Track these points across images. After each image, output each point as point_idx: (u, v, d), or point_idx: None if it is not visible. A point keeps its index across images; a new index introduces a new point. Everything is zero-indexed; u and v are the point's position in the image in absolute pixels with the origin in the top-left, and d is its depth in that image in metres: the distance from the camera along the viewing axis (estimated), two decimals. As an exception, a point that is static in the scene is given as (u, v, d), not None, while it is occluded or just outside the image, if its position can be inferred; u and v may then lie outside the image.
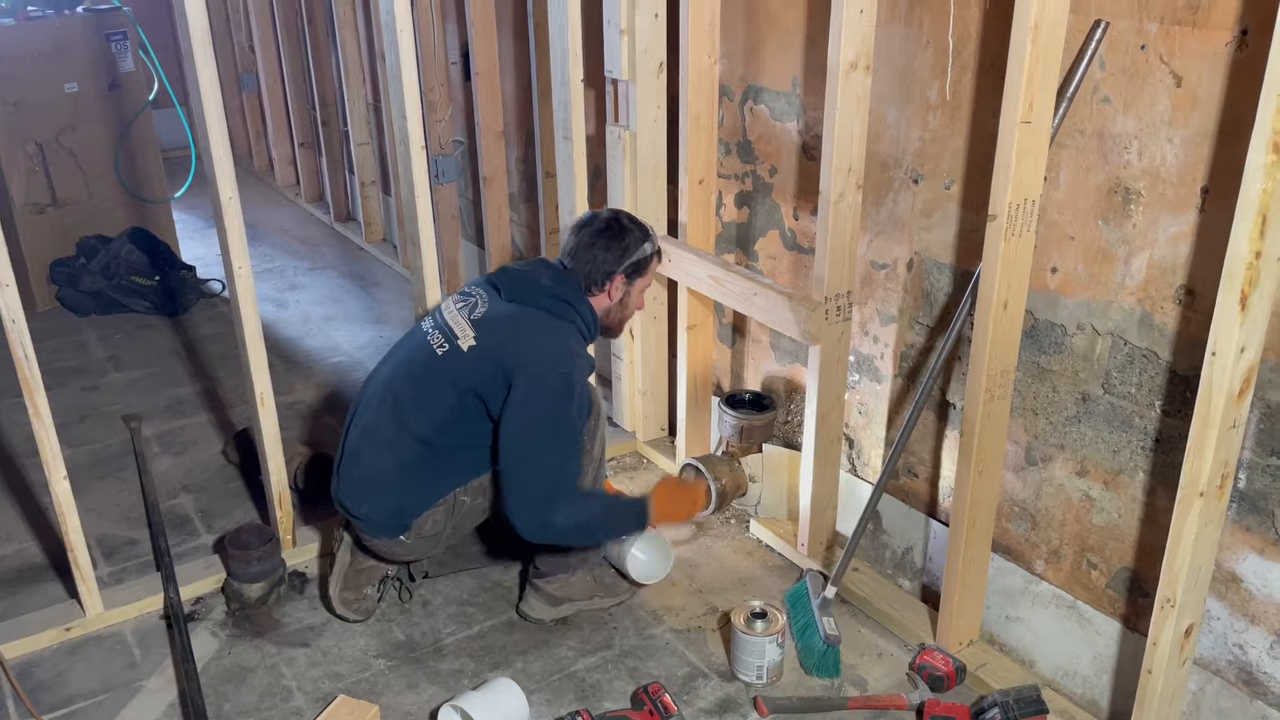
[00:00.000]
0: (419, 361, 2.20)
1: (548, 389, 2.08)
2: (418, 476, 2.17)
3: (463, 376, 2.12)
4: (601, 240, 2.22)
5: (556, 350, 2.13)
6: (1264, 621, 1.80)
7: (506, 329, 2.15)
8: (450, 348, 2.15)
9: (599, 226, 2.23)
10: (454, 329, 2.18)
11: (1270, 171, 1.47)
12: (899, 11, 2.13)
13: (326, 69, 4.79)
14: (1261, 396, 1.71)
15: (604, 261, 2.21)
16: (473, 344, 2.13)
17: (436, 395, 2.15)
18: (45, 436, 2.15)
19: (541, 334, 2.14)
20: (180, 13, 2.07)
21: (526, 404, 2.07)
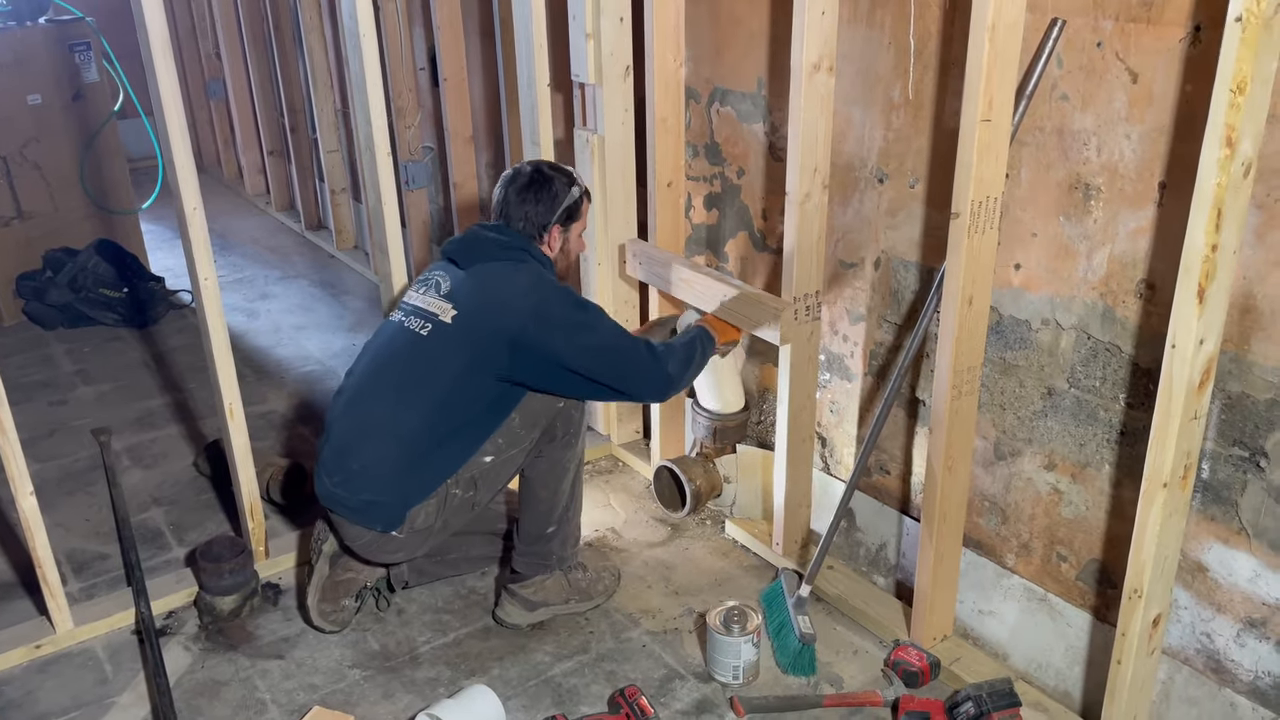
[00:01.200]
0: (403, 348, 2.18)
1: (557, 310, 2.13)
2: (416, 463, 2.15)
3: (456, 348, 2.13)
4: (530, 194, 2.22)
5: (532, 281, 2.16)
6: (1230, 610, 1.83)
7: (480, 289, 2.16)
8: (433, 326, 2.15)
9: (524, 181, 2.23)
10: (429, 309, 2.18)
11: (1224, 166, 1.50)
12: (860, 13, 2.15)
13: (294, 76, 4.77)
14: (1222, 388, 1.73)
15: (536, 214, 2.22)
16: (454, 314, 2.14)
17: (430, 375, 2.14)
18: (10, 452, 2.13)
19: (513, 278, 2.16)
20: (140, 23, 2.06)
21: (552, 331, 2.10)
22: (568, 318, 2.13)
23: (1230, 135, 1.48)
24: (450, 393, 2.13)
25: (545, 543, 2.31)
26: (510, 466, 2.22)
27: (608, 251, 2.83)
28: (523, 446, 2.20)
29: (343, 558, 2.31)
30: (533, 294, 2.13)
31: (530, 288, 2.14)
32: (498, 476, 2.21)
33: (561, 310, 2.14)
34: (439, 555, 2.43)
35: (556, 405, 2.21)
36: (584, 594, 2.37)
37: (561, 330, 2.11)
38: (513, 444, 2.19)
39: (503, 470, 2.21)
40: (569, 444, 2.25)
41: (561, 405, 2.22)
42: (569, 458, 2.26)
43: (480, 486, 2.20)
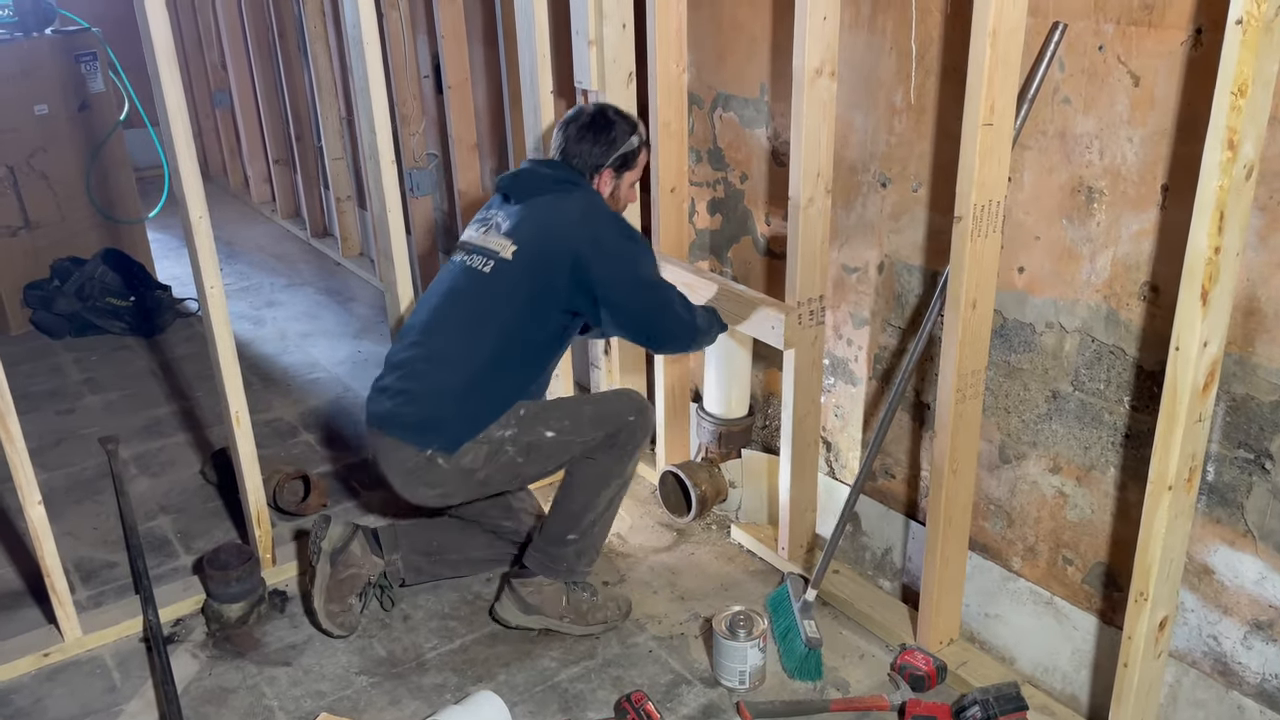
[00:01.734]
0: (469, 285, 2.22)
1: (609, 236, 2.16)
2: (479, 390, 2.18)
3: (518, 282, 2.16)
4: (589, 134, 2.24)
5: (585, 207, 2.20)
6: (1237, 612, 1.82)
7: (537, 222, 2.19)
8: (495, 263, 2.19)
9: (585, 121, 2.25)
10: (490, 248, 2.22)
11: (1226, 168, 1.50)
12: (862, 18, 2.15)
13: (299, 84, 4.79)
14: (1227, 390, 1.73)
15: (591, 155, 2.24)
16: (515, 250, 2.18)
17: (494, 310, 2.18)
18: (18, 461, 2.14)
19: (567, 206, 2.20)
20: (145, 33, 2.07)
21: (602, 260, 2.13)
22: (619, 248, 2.17)
23: (1232, 138, 1.48)
24: (515, 326, 2.18)
25: (562, 547, 2.30)
26: (564, 453, 2.24)
27: (612, 257, 2.83)
28: (584, 439, 2.23)
29: (343, 554, 2.31)
30: (588, 219, 2.18)
31: (584, 214, 2.19)
32: (550, 456, 2.23)
33: (614, 238, 2.18)
34: (438, 555, 2.43)
35: (629, 417, 2.25)
36: (580, 617, 2.32)
37: (611, 259, 2.15)
38: (577, 432, 2.22)
39: (557, 451, 2.23)
40: (623, 459, 2.27)
41: (633, 419, 2.25)
42: (617, 473, 2.27)
43: (531, 456, 2.22)
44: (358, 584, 2.33)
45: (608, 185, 2.28)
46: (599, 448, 2.24)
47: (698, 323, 2.28)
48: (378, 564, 2.35)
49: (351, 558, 2.31)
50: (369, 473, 2.31)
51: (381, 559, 2.35)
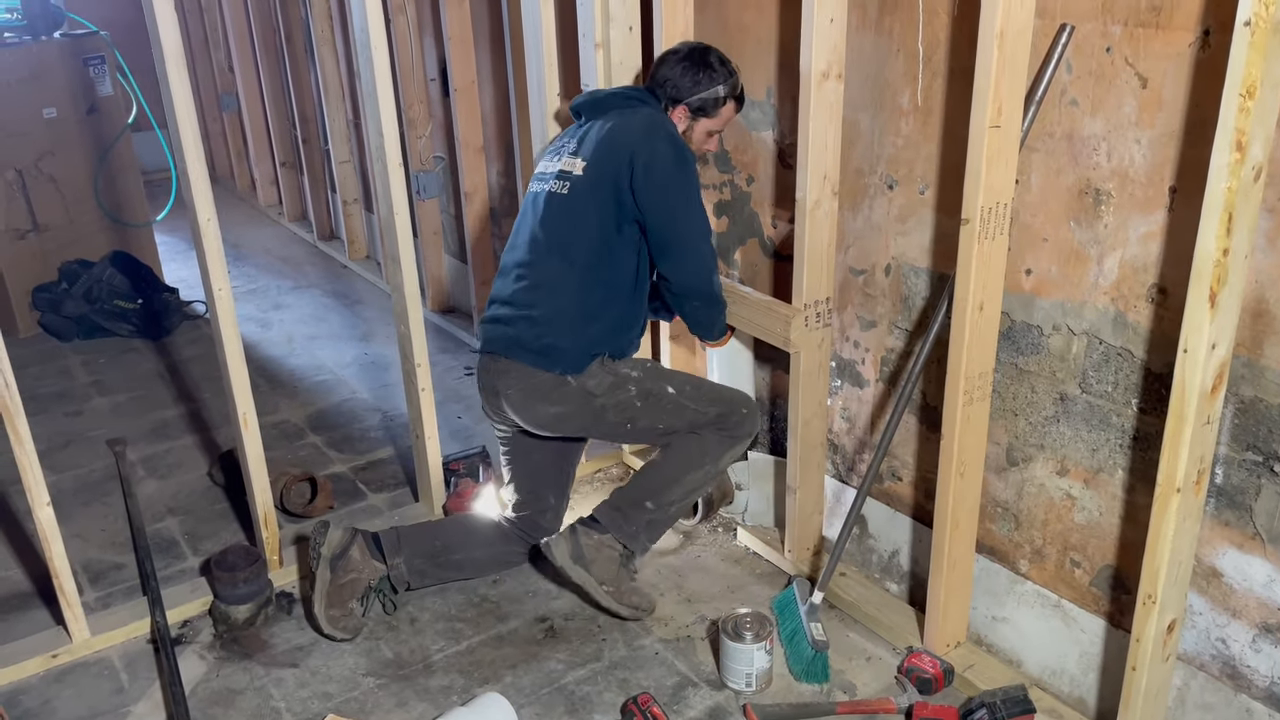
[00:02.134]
0: (553, 210, 2.26)
1: (661, 156, 2.16)
2: (592, 313, 2.25)
3: (590, 198, 2.20)
4: (679, 65, 2.26)
5: (647, 124, 2.22)
6: (1245, 615, 1.82)
7: (602, 138, 2.23)
8: (570, 183, 2.24)
9: (684, 52, 2.27)
10: (564, 169, 2.26)
11: (1234, 170, 1.49)
12: (869, 20, 2.15)
13: (306, 87, 4.80)
14: (1235, 392, 1.73)
15: (671, 86, 2.26)
16: (584, 165, 2.22)
17: (580, 228, 2.22)
18: (27, 463, 2.14)
19: (631, 119, 2.23)
20: (154, 37, 2.08)
21: (651, 179, 2.15)
22: (667, 170, 2.17)
23: (1240, 139, 1.48)
24: (602, 242, 2.22)
25: (638, 512, 2.34)
26: (676, 416, 2.29)
27: (618, 260, 2.83)
28: (698, 408, 2.29)
29: (343, 559, 2.31)
30: (651, 133, 2.19)
31: (645, 126, 2.21)
32: (664, 412, 2.29)
33: (664, 157, 2.17)
34: (442, 555, 2.42)
35: (743, 408, 2.32)
36: (618, 593, 2.36)
37: (656, 175, 2.16)
38: (695, 399, 2.29)
39: (671, 411, 2.29)
40: (723, 444, 2.32)
41: (746, 411, 2.33)
42: (713, 456, 2.32)
43: (648, 404, 2.28)
44: (358, 589, 2.33)
45: (681, 120, 2.29)
46: (708, 426, 2.29)
47: (715, 285, 2.29)
48: (379, 568, 2.35)
49: (351, 563, 2.32)
50: (485, 398, 2.41)
51: (383, 563, 2.35)
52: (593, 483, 2.97)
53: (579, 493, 2.91)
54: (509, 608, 2.45)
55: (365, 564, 2.33)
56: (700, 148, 2.36)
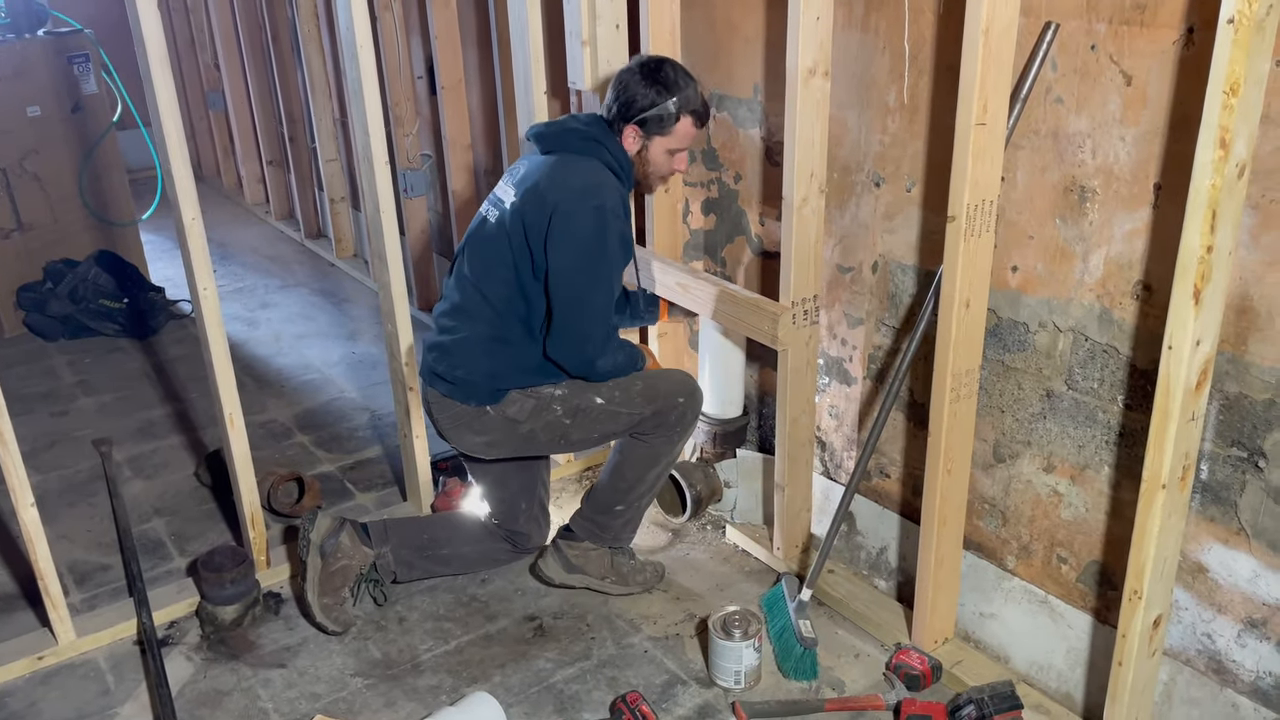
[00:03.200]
0: (481, 236, 2.24)
1: (579, 225, 2.08)
2: (502, 346, 2.21)
3: (511, 240, 2.16)
4: (630, 79, 2.13)
5: (584, 185, 2.12)
6: (1231, 610, 1.83)
7: (539, 176, 2.16)
8: (499, 212, 2.21)
9: (635, 66, 2.15)
10: (502, 196, 2.23)
11: (1218, 167, 1.50)
12: (855, 18, 2.16)
13: (293, 86, 4.78)
14: (1220, 388, 1.74)
15: (620, 103, 2.14)
16: (514, 200, 2.18)
17: (499, 259, 2.18)
18: (11, 463, 2.13)
19: (568, 172, 2.14)
20: (138, 35, 2.07)
21: (561, 243, 2.09)
22: (581, 243, 2.09)
23: (1224, 136, 1.48)
24: (517, 284, 2.18)
25: (610, 518, 2.38)
26: (611, 423, 2.27)
27: (606, 258, 2.83)
28: (632, 412, 2.26)
29: (333, 543, 2.31)
30: (580, 193, 2.10)
31: (582, 187, 2.11)
32: (597, 423, 2.27)
33: (583, 229, 2.08)
34: (429, 550, 2.43)
35: (678, 399, 2.29)
36: (623, 578, 2.42)
37: (567, 244, 2.09)
38: (626, 404, 2.26)
39: (604, 420, 2.26)
40: (671, 440, 2.33)
41: (682, 400, 2.30)
42: (665, 452, 2.34)
43: (578, 420, 2.25)
44: (349, 575, 2.33)
45: (632, 142, 2.17)
46: (648, 427, 2.28)
47: (598, 365, 2.20)
48: (367, 554, 2.35)
49: (341, 549, 2.32)
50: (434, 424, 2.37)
51: (370, 549, 2.35)
52: (582, 482, 2.97)
53: (578, 484, 2.91)
54: (497, 607, 2.44)
55: (355, 550, 2.33)
56: (664, 170, 2.23)
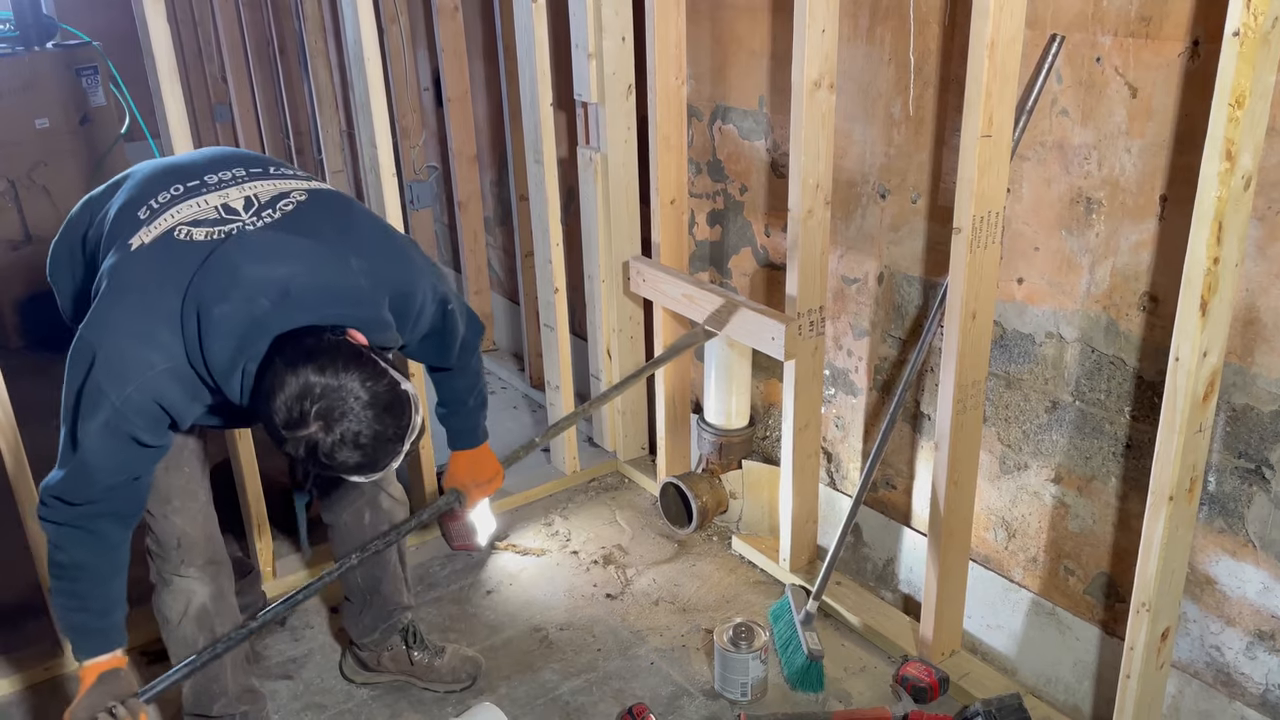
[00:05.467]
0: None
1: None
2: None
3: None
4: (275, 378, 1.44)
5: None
6: (1239, 622, 1.82)
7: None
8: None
9: (376, 393, 1.45)
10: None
11: (1224, 179, 1.50)
12: (860, 30, 2.16)
13: (299, 98, 4.80)
14: (1227, 400, 1.73)
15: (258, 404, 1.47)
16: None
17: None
18: (20, 475, 2.14)
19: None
20: (147, 47, 2.08)
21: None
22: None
23: (1230, 149, 1.48)
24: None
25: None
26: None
27: (611, 269, 2.84)
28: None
29: (371, 659, 2.22)
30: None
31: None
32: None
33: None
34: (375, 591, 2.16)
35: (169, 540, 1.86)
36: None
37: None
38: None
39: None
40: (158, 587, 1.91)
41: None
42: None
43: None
44: (400, 659, 2.20)
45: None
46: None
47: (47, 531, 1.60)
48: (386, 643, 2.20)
49: (383, 662, 2.21)
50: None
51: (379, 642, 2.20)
52: (587, 491, 2.97)
53: (574, 502, 2.91)
54: (503, 618, 2.44)
55: (383, 650, 2.19)
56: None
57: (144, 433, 1.51)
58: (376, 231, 1.67)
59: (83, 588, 1.62)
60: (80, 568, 1.61)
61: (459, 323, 1.80)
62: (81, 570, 1.61)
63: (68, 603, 1.64)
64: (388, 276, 1.61)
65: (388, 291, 1.60)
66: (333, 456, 1.43)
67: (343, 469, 1.46)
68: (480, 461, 2.04)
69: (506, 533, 2.76)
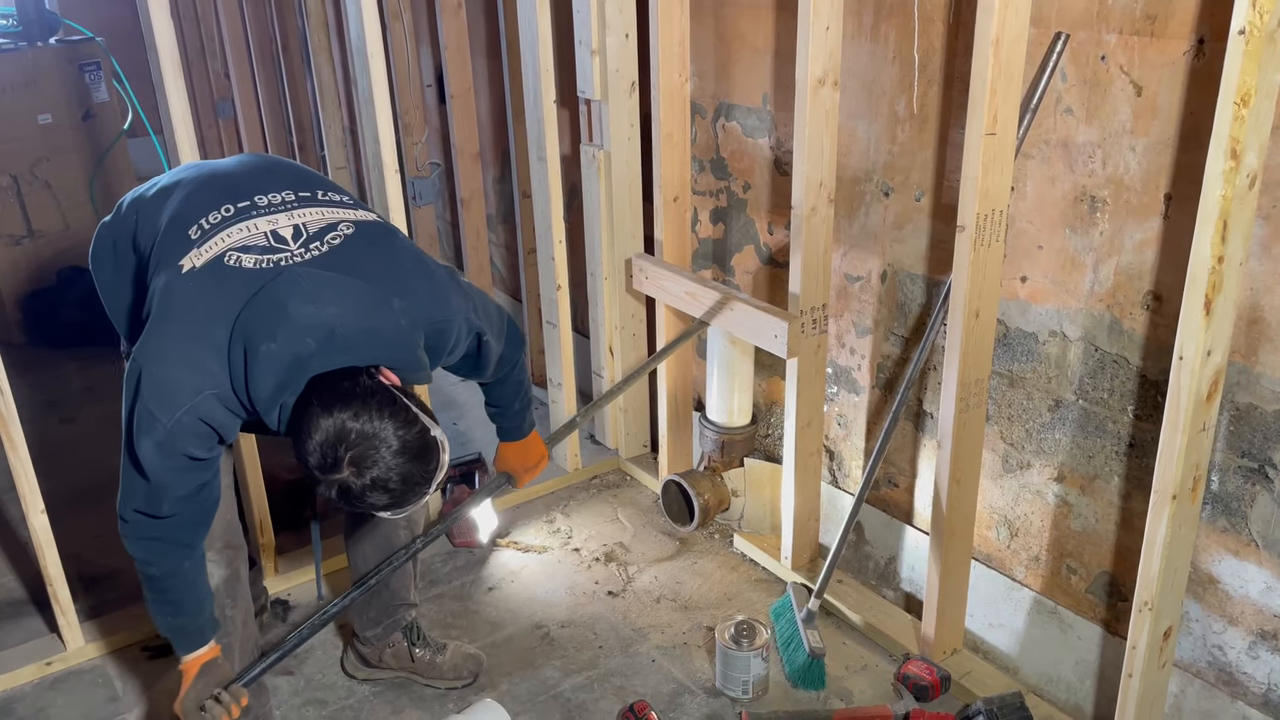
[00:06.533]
0: None
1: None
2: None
3: None
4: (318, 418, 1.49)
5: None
6: (1242, 622, 1.82)
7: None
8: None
9: (406, 442, 1.51)
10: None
11: (1229, 177, 1.50)
12: (865, 28, 2.16)
13: (302, 94, 4.80)
14: (1231, 399, 1.73)
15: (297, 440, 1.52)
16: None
17: None
18: (22, 469, 2.14)
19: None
20: (150, 43, 2.08)
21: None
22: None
23: (1235, 147, 1.48)
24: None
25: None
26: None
27: (614, 266, 2.84)
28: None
29: (373, 655, 2.23)
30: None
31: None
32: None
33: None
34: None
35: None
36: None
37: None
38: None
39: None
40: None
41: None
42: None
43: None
44: (401, 655, 2.21)
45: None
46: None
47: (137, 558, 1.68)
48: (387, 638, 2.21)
49: (385, 659, 2.22)
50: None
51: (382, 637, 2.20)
52: (589, 488, 2.97)
53: (576, 499, 2.91)
54: (504, 615, 2.44)
55: (383, 646, 2.21)
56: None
57: (195, 449, 1.58)
58: (418, 269, 1.71)
59: (175, 595, 1.72)
60: (169, 576, 1.70)
61: (493, 349, 1.85)
62: (170, 578, 1.70)
63: (163, 609, 1.74)
64: (426, 315, 1.66)
65: (424, 329, 1.65)
66: (363, 498, 1.51)
67: (371, 508, 1.54)
68: (528, 448, 2.13)
69: (508, 530, 2.76)
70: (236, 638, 1.93)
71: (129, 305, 1.83)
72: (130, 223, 1.80)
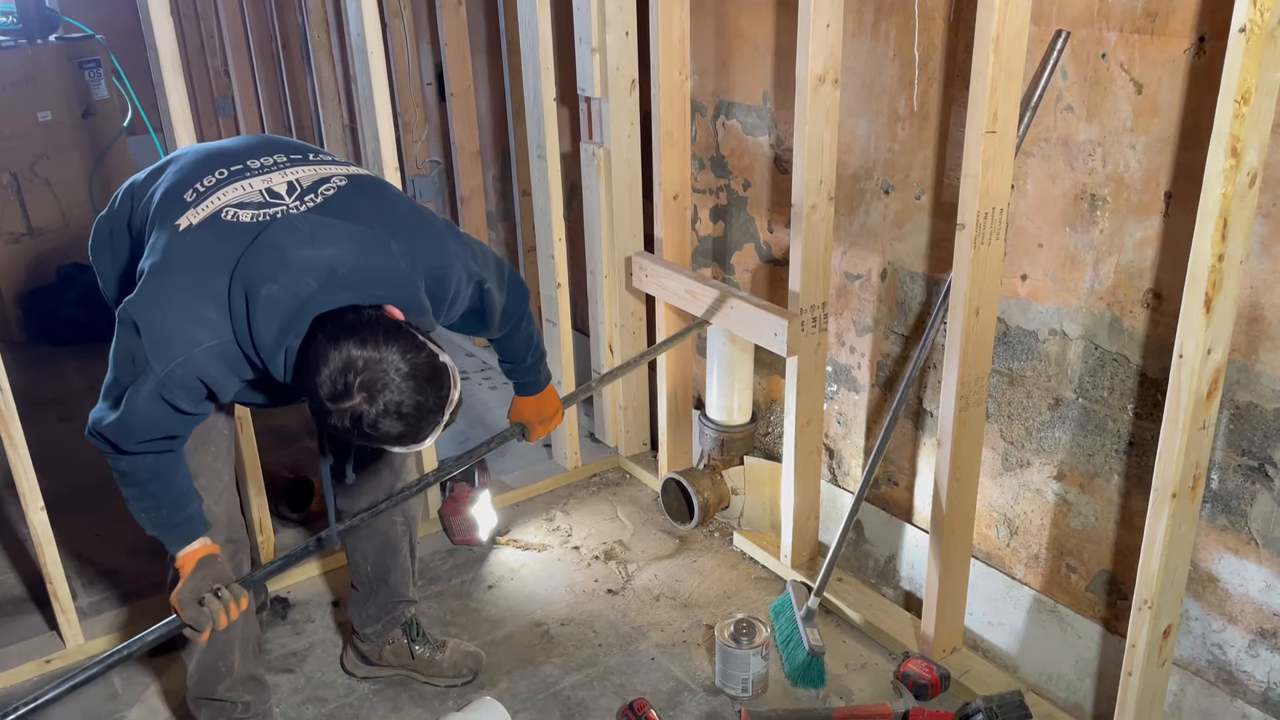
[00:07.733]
0: None
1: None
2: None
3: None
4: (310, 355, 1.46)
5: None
6: (1241, 620, 1.82)
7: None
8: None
9: (418, 364, 1.46)
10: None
11: (1230, 176, 1.50)
12: (865, 25, 2.16)
13: (302, 92, 4.80)
14: (1231, 397, 1.73)
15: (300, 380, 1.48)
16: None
17: None
18: (21, 468, 2.14)
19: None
20: (150, 41, 2.08)
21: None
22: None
23: (1235, 145, 1.48)
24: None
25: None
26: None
27: (614, 264, 2.84)
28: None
29: (373, 652, 2.23)
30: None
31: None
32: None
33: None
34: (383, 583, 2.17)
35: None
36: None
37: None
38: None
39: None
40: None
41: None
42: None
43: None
44: (401, 653, 2.22)
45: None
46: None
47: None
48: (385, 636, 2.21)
49: (385, 656, 2.22)
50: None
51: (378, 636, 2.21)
52: (589, 486, 2.97)
53: (575, 498, 2.91)
54: (504, 613, 2.44)
55: (383, 645, 2.21)
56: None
57: (184, 403, 1.57)
58: (414, 216, 1.70)
59: (150, 488, 1.69)
60: (140, 470, 1.68)
61: (496, 299, 1.83)
62: (141, 471, 1.68)
63: (142, 504, 1.70)
64: (425, 261, 1.64)
65: (424, 275, 1.64)
66: (376, 427, 1.46)
67: (385, 440, 1.49)
68: (544, 401, 2.10)
69: (508, 528, 2.76)
70: (237, 633, 1.93)
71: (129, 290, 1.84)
72: (125, 208, 1.80)
